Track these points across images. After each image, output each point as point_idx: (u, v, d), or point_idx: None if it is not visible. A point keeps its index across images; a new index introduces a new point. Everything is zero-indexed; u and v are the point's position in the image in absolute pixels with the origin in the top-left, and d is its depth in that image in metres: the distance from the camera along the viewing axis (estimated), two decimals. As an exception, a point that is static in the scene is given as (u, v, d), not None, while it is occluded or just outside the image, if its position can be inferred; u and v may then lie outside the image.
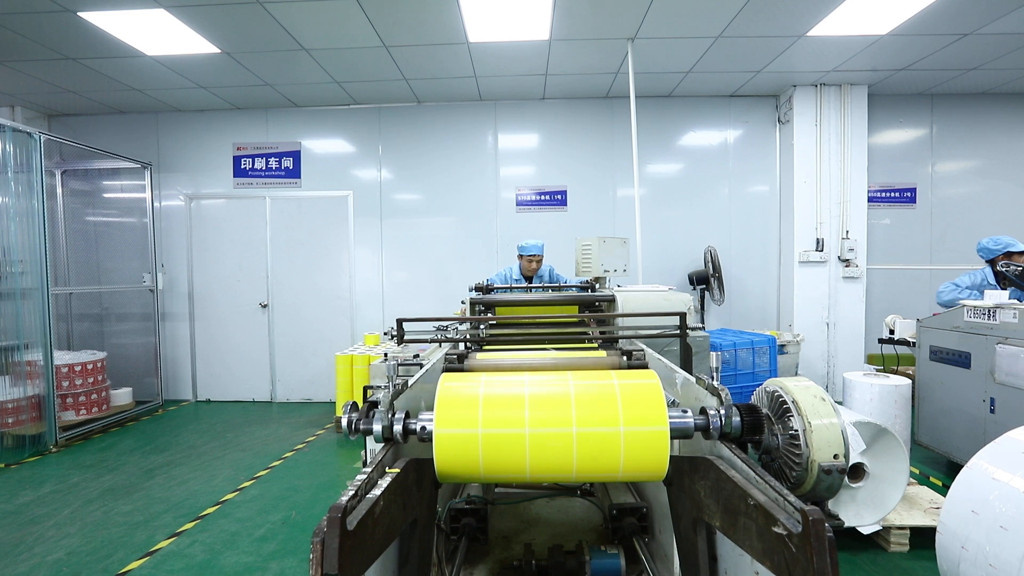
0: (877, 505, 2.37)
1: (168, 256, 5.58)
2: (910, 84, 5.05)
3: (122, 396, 4.97)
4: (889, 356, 4.62)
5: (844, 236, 5.07)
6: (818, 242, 5.09)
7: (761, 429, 1.10)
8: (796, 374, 4.52)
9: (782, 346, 4.38)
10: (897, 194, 5.37)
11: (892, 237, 5.36)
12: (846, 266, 5.08)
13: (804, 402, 1.10)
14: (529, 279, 4.04)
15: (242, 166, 5.54)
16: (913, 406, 3.13)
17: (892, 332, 4.03)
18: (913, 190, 5.38)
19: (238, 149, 5.54)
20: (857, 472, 2.36)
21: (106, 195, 5.56)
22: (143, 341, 5.39)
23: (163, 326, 5.57)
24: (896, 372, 4.37)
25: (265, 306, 5.53)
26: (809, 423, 1.06)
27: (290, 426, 4.69)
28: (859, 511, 2.37)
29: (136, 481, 3.45)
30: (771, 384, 1.21)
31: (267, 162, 5.53)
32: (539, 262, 3.89)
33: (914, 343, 3.59)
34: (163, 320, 5.57)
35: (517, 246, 3.99)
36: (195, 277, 5.58)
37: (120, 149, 5.33)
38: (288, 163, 5.53)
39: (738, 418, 1.09)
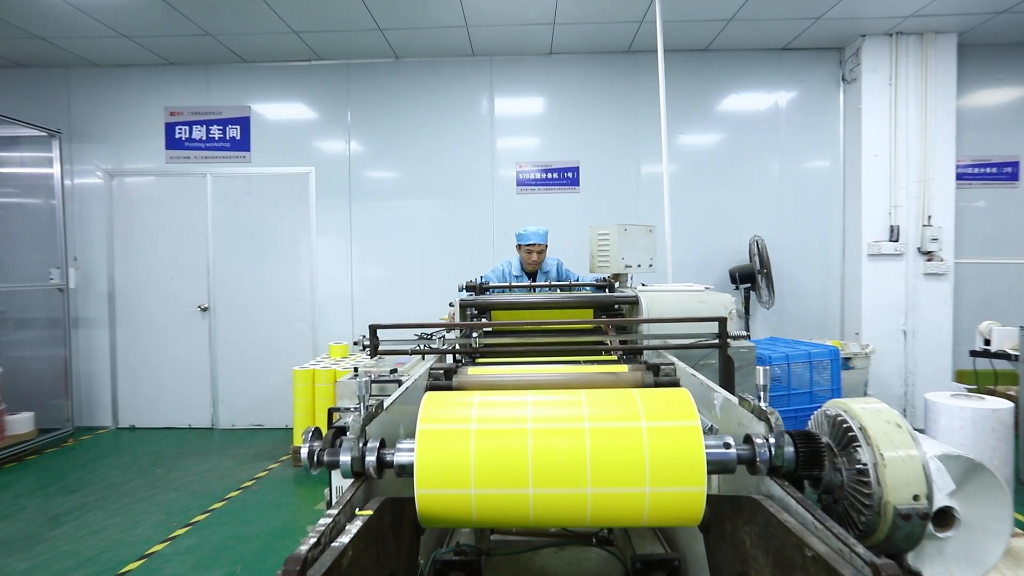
0: (972, 560, 2.36)
1: (83, 247, 5.58)
2: (1013, 31, 5.04)
3: (21, 423, 4.95)
4: (984, 372, 4.62)
5: (925, 223, 5.08)
6: (892, 230, 5.10)
7: (820, 462, 1.10)
8: (865, 394, 4.52)
9: (847, 359, 4.38)
10: (994, 170, 5.37)
11: (987, 224, 5.36)
12: (928, 260, 5.08)
13: (875, 429, 1.10)
14: (532, 276, 4.04)
15: (177, 136, 5.54)
16: (1016, 435, 3.13)
17: (988, 343, 4.04)
18: (1015, 164, 5.38)
19: (172, 115, 5.54)
20: (945, 518, 2.36)
21: (1, 170, 5.55)
22: (49, 353, 5.39)
23: (76, 335, 5.57)
24: (994, 393, 4.37)
25: (206, 309, 5.53)
26: (881, 455, 1.06)
27: (236, 459, 4.69)
28: (948, 567, 2.37)
29: (37, 530, 3.45)
30: (833, 407, 1.21)
31: (208, 131, 5.53)
32: (540, 253, 3.91)
33: (1017, 356, 3.59)
34: (76, 327, 5.57)
35: (516, 234, 4.01)
36: (117, 273, 5.59)
37: (19, 112, 5.31)
38: (234, 132, 5.53)
39: (791, 448, 1.09)
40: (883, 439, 1.08)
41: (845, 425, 1.14)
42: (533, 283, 3.62)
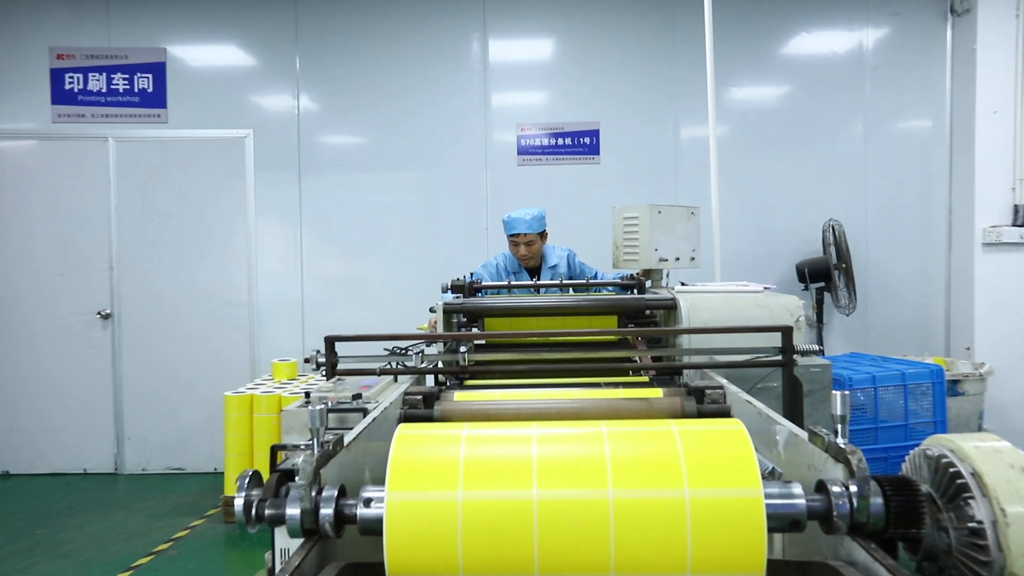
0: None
1: (-54, 235, 5.57)
2: None
3: None
4: None
5: (1061, 201, 5.06)
6: (1017, 211, 5.09)
7: (919, 519, 1.10)
8: (979, 429, 4.52)
9: (955, 382, 4.38)
10: None
11: None
12: (1065, 251, 5.07)
13: (994, 476, 1.10)
14: (537, 272, 4.04)
15: (67, 86, 5.53)
16: None
17: None
18: None
19: (59, 58, 5.52)
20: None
21: None
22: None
23: (-64, 350, 5.55)
24: None
25: (108, 317, 5.52)
26: (1003, 511, 1.06)
27: (148, 514, 4.67)
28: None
29: None
30: (936, 445, 1.21)
31: (109, 80, 5.52)
32: (531, 244, 3.93)
33: None
34: (-64, 340, 5.55)
35: (502, 221, 4.02)
36: (-9, 270, 5.57)
37: None
38: (145, 83, 5.52)
39: (880, 499, 1.09)
40: (1005, 489, 1.07)
41: (953, 470, 1.14)
42: (538, 282, 3.61)
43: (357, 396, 3.62)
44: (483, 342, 2.53)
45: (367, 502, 1.12)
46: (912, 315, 5.50)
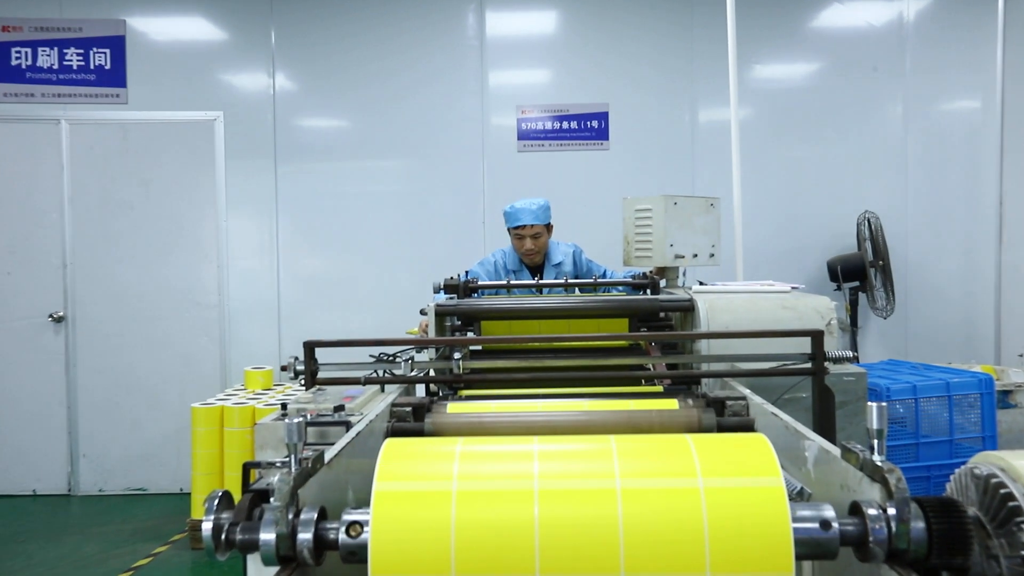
0: None
1: None
2: None
3: None
4: None
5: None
6: (1069, 204, 5.10)
7: (966, 545, 1.10)
8: (1030, 445, 4.53)
9: (1006, 393, 4.38)
10: None
11: None
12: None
13: (1046, 495, 1.10)
14: (539, 270, 4.04)
15: (14, 62, 5.52)
16: None
17: None
18: None
19: (4, 30, 5.51)
20: None
21: None
22: None
23: None
24: None
25: (61, 319, 5.52)
26: (1058, 535, 1.06)
27: (105, 539, 4.67)
28: None
29: None
30: (985, 463, 1.21)
31: (62, 56, 5.52)
32: (537, 238, 3.93)
33: None
34: None
35: (504, 212, 4.02)
36: (-69, 267, 5.57)
37: None
38: (102, 59, 5.52)
39: (921, 523, 1.09)
40: (1060, 511, 1.07)
41: (1004, 491, 1.14)
42: (540, 281, 3.62)
43: (339, 408, 3.62)
44: (480, 348, 2.53)
45: (350, 526, 1.12)
46: (957, 318, 5.50)
